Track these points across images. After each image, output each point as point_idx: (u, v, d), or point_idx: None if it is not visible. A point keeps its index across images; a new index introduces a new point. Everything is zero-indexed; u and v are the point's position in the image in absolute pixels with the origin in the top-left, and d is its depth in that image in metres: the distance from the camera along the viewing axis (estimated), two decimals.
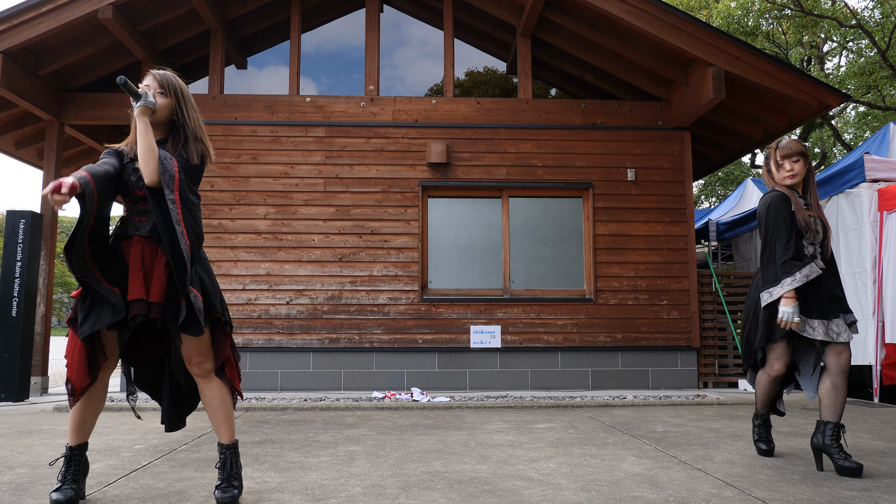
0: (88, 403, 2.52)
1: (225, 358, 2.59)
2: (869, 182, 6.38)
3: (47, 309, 7.03)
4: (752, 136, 7.89)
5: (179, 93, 2.60)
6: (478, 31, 8.21)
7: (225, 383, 2.58)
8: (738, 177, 20.86)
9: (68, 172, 9.46)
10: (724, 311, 7.32)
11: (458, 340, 7.05)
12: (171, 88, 2.58)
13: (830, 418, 2.98)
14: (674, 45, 6.52)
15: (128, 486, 2.79)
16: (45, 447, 3.74)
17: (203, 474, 3.01)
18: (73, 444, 2.50)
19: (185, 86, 2.66)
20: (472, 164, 7.34)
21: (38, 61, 6.88)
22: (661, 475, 2.98)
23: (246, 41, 8.09)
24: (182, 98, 2.60)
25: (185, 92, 2.62)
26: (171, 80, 2.60)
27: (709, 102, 6.63)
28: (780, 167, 3.22)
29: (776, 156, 3.22)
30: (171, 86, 2.58)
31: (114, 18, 6.41)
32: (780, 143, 3.23)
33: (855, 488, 2.71)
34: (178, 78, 2.65)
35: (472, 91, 8.24)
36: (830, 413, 2.99)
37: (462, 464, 3.25)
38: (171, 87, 2.58)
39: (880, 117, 16.60)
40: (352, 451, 3.58)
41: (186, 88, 2.66)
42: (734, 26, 14.53)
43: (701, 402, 5.77)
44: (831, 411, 2.98)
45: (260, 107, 7.34)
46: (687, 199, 7.36)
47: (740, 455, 3.44)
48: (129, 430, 4.34)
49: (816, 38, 16.42)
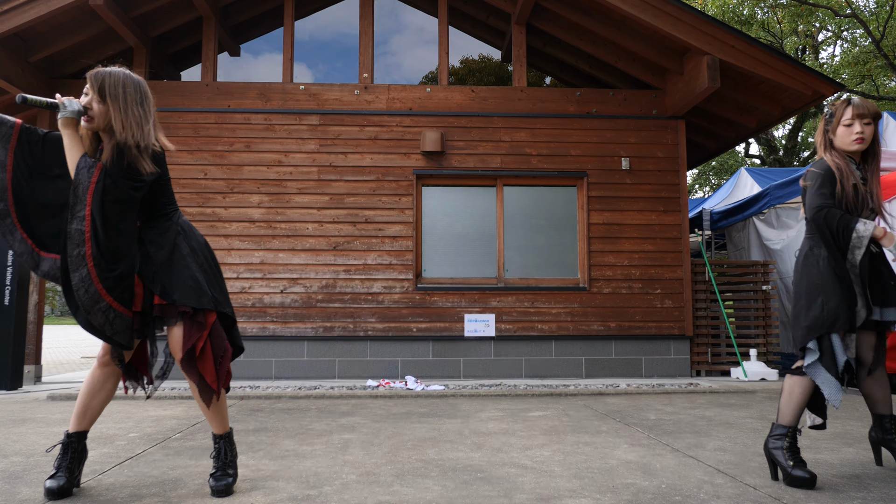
0: (96, 389, 2.50)
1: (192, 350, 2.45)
2: None
3: (40, 297, 7.00)
4: (746, 125, 7.89)
5: (110, 95, 2.39)
6: (472, 19, 8.16)
7: (193, 376, 2.47)
8: (731, 166, 20.90)
9: None
10: (718, 299, 7.36)
11: (452, 329, 7.07)
12: (106, 92, 2.38)
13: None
14: (669, 33, 6.51)
15: (122, 475, 2.79)
16: (39, 435, 3.74)
17: (197, 462, 3.02)
18: (73, 430, 2.48)
19: (125, 81, 2.44)
20: (466, 152, 7.32)
21: (29, 48, 6.81)
22: (653, 462, 3.00)
23: (239, 28, 8.02)
24: (115, 100, 2.39)
25: (118, 92, 2.40)
26: (107, 81, 2.40)
27: (703, 91, 6.63)
28: (848, 127, 2.72)
29: (846, 113, 2.73)
30: (107, 89, 2.39)
31: (105, 4, 6.33)
32: (854, 100, 2.76)
33: (845, 475, 2.74)
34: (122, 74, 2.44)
35: (467, 79, 8.20)
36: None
37: (456, 451, 3.27)
38: (107, 90, 2.38)
39: None
40: (346, 439, 3.59)
41: (125, 84, 2.43)
42: (729, 15, 14.50)
43: (693, 391, 5.81)
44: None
45: (253, 94, 7.29)
46: (681, 188, 7.37)
47: (732, 443, 3.47)
48: (124, 419, 4.35)
49: (811, 27, 16.41)
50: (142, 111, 2.45)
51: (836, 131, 2.76)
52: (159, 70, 7.82)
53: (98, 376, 2.51)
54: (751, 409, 4.71)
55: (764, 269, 7.51)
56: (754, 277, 7.51)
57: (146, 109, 2.47)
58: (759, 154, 19.86)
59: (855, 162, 2.76)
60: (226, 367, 2.52)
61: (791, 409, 2.66)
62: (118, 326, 2.35)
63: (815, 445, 3.38)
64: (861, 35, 15.39)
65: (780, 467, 2.62)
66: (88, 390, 2.49)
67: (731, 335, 7.20)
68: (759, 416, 4.41)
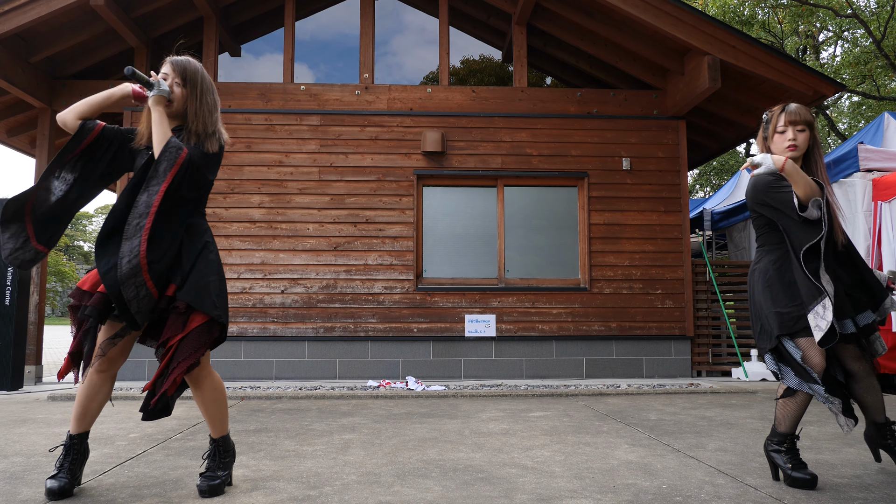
0: (94, 392, 2.48)
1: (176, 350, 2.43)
2: (863, 171, 6.40)
3: (41, 298, 7.01)
4: (747, 125, 7.89)
5: (190, 82, 2.54)
6: (473, 19, 8.16)
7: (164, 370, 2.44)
8: (732, 166, 20.88)
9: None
10: (718, 300, 7.35)
11: (452, 329, 7.06)
12: (188, 79, 2.54)
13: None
14: (670, 33, 6.50)
15: (122, 475, 2.79)
16: (40, 436, 3.74)
17: (198, 462, 3.02)
18: (74, 432, 2.48)
19: (201, 70, 2.61)
20: (467, 152, 7.32)
21: (30, 48, 6.81)
22: (654, 463, 3.00)
23: (240, 28, 8.02)
24: (194, 87, 2.54)
25: (197, 79, 2.56)
26: (188, 69, 2.55)
27: (704, 91, 6.62)
28: (782, 134, 2.71)
29: (779, 120, 2.71)
30: (188, 76, 2.54)
31: (106, 5, 6.34)
32: (788, 107, 2.73)
33: (846, 476, 2.73)
34: (198, 63, 2.62)
35: (468, 79, 8.20)
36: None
37: (456, 452, 3.26)
38: (188, 77, 2.54)
39: (875, 107, 16.62)
40: (347, 440, 3.59)
41: (202, 73, 2.60)
42: (730, 15, 14.49)
43: (694, 391, 5.80)
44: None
45: (254, 94, 7.29)
46: (682, 189, 7.37)
47: (733, 443, 3.46)
48: (124, 419, 4.35)
49: (812, 27, 16.40)
50: (213, 100, 2.59)
51: (773, 138, 2.73)
52: (159, 70, 7.82)
53: (95, 381, 2.49)
54: (752, 410, 4.70)
55: None
56: None
57: (216, 99, 2.63)
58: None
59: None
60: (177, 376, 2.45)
61: (788, 420, 2.63)
62: (144, 306, 2.35)
63: (816, 446, 3.38)
64: (862, 35, 15.38)
65: (780, 469, 2.61)
66: (87, 394, 2.48)
67: (732, 335, 7.20)
68: (760, 416, 4.40)
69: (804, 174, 2.53)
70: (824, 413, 4.53)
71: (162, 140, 2.40)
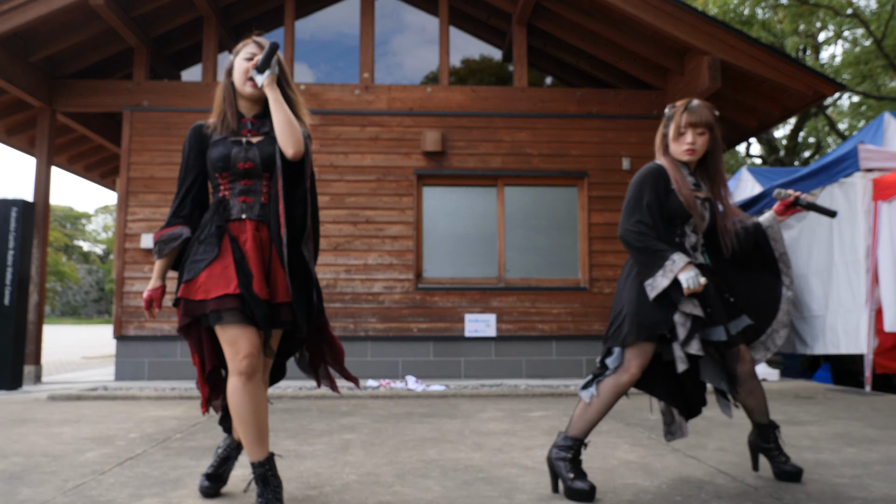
0: (257, 397, 2.17)
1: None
2: (863, 171, 6.39)
3: (40, 297, 7.00)
4: (746, 125, 7.88)
5: (281, 65, 2.33)
6: (473, 19, 8.16)
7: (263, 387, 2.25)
8: (732, 166, 20.87)
9: (61, 161, 9.39)
10: None
11: (452, 329, 7.06)
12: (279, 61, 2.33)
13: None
14: (670, 33, 6.50)
15: (122, 475, 2.79)
16: (39, 436, 3.74)
17: (198, 462, 3.01)
18: (264, 455, 2.17)
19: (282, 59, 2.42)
20: (467, 152, 7.32)
21: (29, 47, 6.81)
22: (654, 463, 2.99)
23: (240, 28, 8.01)
24: (283, 70, 2.34)
25: (284, 67, 2.36)
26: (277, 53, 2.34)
27: (704, 91, 6.62)
28: (680, 136, 2.57)
29: (681, 119, 2.55)
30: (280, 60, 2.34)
31: (105, 4, 6.33)
32: (691, 105, 2.56)
33: (846, 476, 2.73)
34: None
35: (468, 79, 8.20)
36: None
37: (457, 452, 3.26)
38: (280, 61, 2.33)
39: (875, 107, 16.61)
40: (347, 440, 3.59)
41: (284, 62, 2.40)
42: (730, 15, 14.49)
43: None
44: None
45: None
46: None
47: (733, 443, 3.46)
48: (124, 419, 4.34)
49: (812, 27, 16.40)
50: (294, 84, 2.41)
51: (673, 137, 2.59)
52: (160, 70, 7.82)
53: (253, 390, 2.16)
54: None
55: None
56: None
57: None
58: (760, 154, 19.85)
59: (688, 168, 2.61)
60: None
61: (585, 424, 2.51)
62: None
63: (817, 446, 3.38)
64: (862, 35, 15.37)
65: (560, 478, 2.43)
66: (255, 409, 2.14)
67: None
68: None
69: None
70: (825, 412, 4.52)
71: (288, 119, 2.20)
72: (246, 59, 2.30)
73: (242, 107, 2.34)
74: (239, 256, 2.16)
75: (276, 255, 2.22)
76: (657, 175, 2.54)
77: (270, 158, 2.24)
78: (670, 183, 2.52)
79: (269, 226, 2.23)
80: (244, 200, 2.25)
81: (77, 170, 9.96)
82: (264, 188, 2.26)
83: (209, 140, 2.32)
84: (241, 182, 2.25)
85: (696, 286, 2.36)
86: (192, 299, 2.13)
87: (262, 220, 2.24)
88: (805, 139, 19.61)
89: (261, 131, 2.31)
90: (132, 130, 7.14)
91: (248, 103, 2.34)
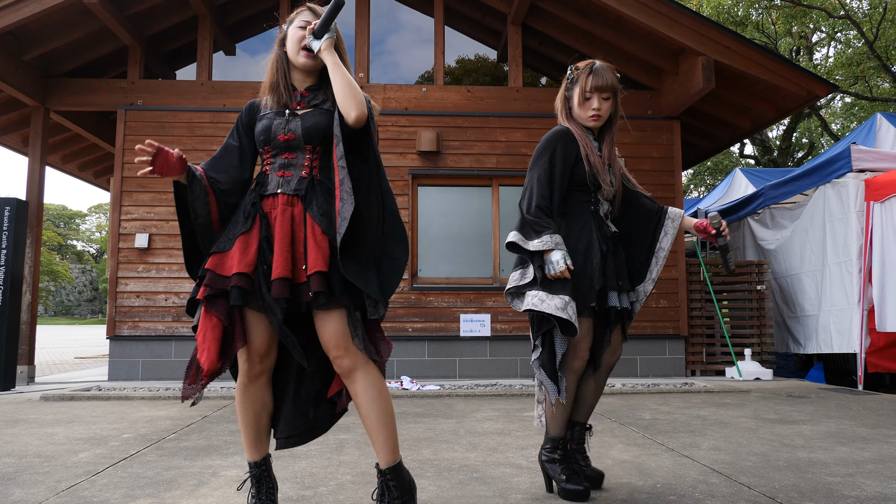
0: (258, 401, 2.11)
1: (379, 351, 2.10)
2: (856, 172, 6.43)
3: (33, 297, 6.97)
4: (740, 125, 7.91)
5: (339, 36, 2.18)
6: (468, 19, 8.16)
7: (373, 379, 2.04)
8: (726, 166, 20.95)
9: (54, 160, 9.35)
10: (712, 299, 7.38)
11: (447, 329, 7.06)
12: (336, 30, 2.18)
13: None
14: (664, 34, 6.52)
15: (115, 475, 2.78)
16: (32, 437, 3.72)
17: (192, 463, 3.01)
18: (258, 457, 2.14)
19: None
20: (462, 152, 7.32)
21: (23, 46, 6.77)
22: (648, 462, 3.00)
23: (235, 27, 8.00)
24: (341, 41, 2.19)
25: (340, 36, 2.20)
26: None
27: (698, 92, 6.64)
28: (585, 101, 2.46)
29: (586, 83, 2.45)
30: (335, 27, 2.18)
31: (100, 3, 6.31)
32: (596, 68, 2.46)
33: (838, 474, 2.75)
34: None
35: (463, 79, 8.20)
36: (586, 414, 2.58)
37: (451, 451, 3.26)
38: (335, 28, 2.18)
39: (867, 108, 16.71)
40: (341, 440, 3.59)
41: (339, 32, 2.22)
42: (724, 16, 14.54)
43: (688, 390, 5.82)
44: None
45: (249, 94, 7.27)
46: (676, 189, 7.39)
47: (727, 442, 3.48)
48: (118, 419, 4.33)
49: (805, 28, 16.48)
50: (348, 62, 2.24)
51: (576, 100, 2.49)
52: (154, 69, 7.80)
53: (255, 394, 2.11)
54: (745, 409, 4.72)
55: (758, 269, 7.53)
56: (749, 277, 7.53)
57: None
58: (753, 154, 19.92)
59: (593, 134, 2.54)
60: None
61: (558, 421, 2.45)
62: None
63: (810, 445, 3.39)
64: (854, 36, 15.45)
65: (554, 480, 2.42)
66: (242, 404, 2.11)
67: (726, 335, 7.22)
68: (754, 415, 4.42)
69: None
70: (818, 411, 4.55)
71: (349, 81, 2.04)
72: (300, 28, 2.15)
73: (295, 79, 2.20)
74: (265, 234, 2.03)
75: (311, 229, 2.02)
76: (567, 140, 2.44)
77: (314, 129, 2.09)
78: (580, 149, 2.44)
79: (305, 199, 2.05)
80: (282, 175, 2.10)
81: (71, 169, 9.92)
82: (306, 161, 2.10)
83: (258, 114, 2.20)
84: (282, 156, 2.11)
85: (556, 272, 2.29)
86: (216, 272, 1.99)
87: (296, 195, 2.06)
88: (798, 140, 19.69)
89: (310, 104, 2.16)
90: (126, 129, 7.12)
91: (301, 75, 2.19)
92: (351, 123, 2.02)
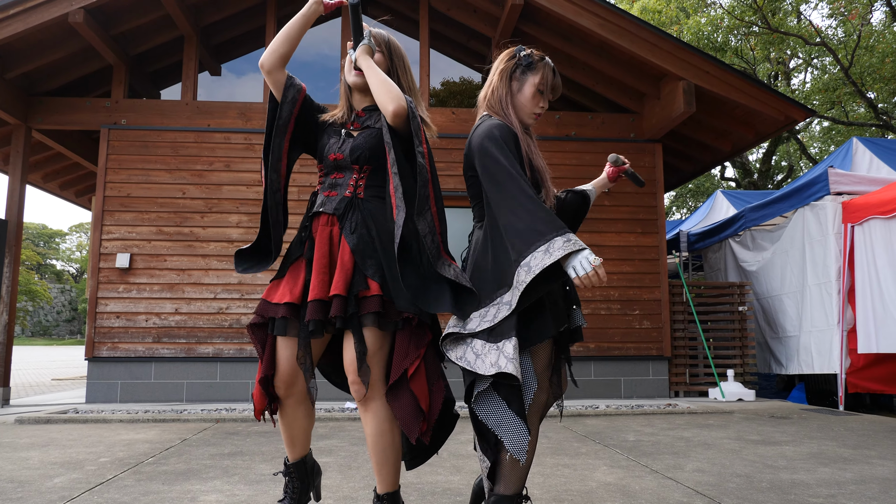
0: (287, 418, 2.12)
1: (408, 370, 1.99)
2: (833, 195, 6.55)
3: (10, 318, 6.84)
4: (721, 149, 8.04)
5: (398, 55, 2.18)
6: (453, 42, 8.26)
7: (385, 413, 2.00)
8: (708, 188, 21.24)
9: (35, 178, 9.26)
10: (695, 320, 7.43)
11: None
12: (385, 44, 2.18)
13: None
14: (646, 59, 6.64)
15: (91, 501, 2.71)
16: (5, 461, 3.63)
17: (170, 487, 2.95)
18: (291, 460, 2.18)
19: (400, 47, 2.23)
20: (447, 173, 7.35)
21: (5, 64, 6.73)
22: (632, 484, 3.00)
23: (220, 48, 8.02)
24: (401, 60, 2.18)
25: (399, 52, 2.19)
26: (392, 41, 2.21)
27: (680, 115, 6.75)
28: (540, 94, 2.17)
29: (538, 80, 2.15)
30: (385, 42, 2.19)
31: (84, 22, 6.30)
32: (548, 62, 2.18)
33: (821, 495, 2.76)
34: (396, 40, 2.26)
35: (448, 101, 8.27)
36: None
37: (435, 475, 3.23)
38: (385, 42, 2.18)
39: (844, 132, 17.08)
40: (324, 463, 3.54)
41: (401, 50, 2.22)
42: (704, 42, 14.84)
43: (672, 411, 5.83)
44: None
45: (234, 114, 7.27)
46: (658, 211, 7.47)
47: (710, 463, 3.48)
48: (94, 443, 4.24)
49: (783, 54, 16.86)
50: (412, 77, 2.24)
51: (528, 90, 2.15)
52: (139, 88, 7.78)
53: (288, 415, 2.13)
54: (728, 430, 4.73)
55: (740, 290, 7.61)
56: (731, 298, 7.60)
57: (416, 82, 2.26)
58: (734, 177, 20.23)
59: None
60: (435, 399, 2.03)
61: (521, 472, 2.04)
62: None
63: (792, 466, 3.40)
64: (830, 63, 15.84)
65: None
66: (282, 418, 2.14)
67: (709, 356, 7.26)
68: (737, 436, 4.44)
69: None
70: (800, 432, 4.57)
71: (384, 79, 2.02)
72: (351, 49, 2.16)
73: (355, 99, 2.23)
74: (309, 257, 2.06)
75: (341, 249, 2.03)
76: (516, 138, 2.08)
77: (360, 148, 2.10)
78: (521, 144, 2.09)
79: (342, 217, 2.06)
80: (328, 195, 2.12)
81: (52, 188, 9.82)
82: (351, 181, 2.11)
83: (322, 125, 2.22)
84: (332, 175, 2.15)
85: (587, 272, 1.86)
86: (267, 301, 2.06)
87: (335, 214, 2.07)
88: (778, 163, 20.04)
89: (364, 124, 2.17)
90: (109, 149, 7.08)
91: (359, 95, 2.21)
92: (390, 120, 2.01)
